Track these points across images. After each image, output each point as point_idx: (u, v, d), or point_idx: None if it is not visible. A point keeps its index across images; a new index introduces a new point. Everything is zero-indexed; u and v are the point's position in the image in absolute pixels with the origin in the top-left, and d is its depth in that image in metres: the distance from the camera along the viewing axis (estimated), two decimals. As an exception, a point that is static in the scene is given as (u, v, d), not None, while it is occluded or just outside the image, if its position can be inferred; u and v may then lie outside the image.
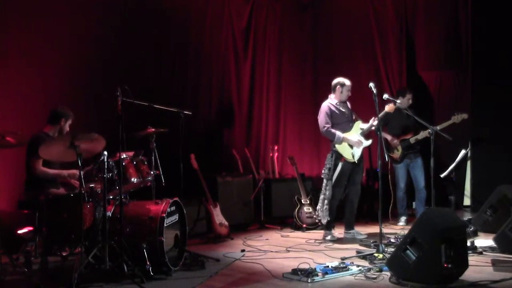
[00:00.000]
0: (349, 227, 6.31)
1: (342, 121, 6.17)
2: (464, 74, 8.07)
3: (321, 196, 6.23)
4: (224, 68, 8.07)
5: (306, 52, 8.91)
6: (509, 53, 7.32)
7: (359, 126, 6.18)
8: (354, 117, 6.28)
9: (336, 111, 6.17)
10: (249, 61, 8.37)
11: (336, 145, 6.09)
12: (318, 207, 6.29)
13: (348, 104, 6.35)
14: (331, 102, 6.23)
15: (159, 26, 7.19)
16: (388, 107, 6.13)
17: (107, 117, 5.27)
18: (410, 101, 6.99)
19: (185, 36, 7.55)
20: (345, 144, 6.09)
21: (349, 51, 8.73)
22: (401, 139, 7.00)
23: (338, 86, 6.22)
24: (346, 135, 6.09)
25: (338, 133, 6.06)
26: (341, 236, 6.28)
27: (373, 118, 6.07)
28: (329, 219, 6.17)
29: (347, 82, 6.24)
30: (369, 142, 6.19)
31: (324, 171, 6.21)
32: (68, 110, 5.24)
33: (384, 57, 8.48)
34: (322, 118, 6.17)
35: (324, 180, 6.21)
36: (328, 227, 6.22)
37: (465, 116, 6.56)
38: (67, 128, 5.20)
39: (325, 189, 6.19)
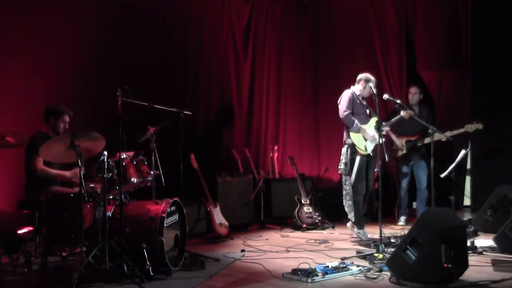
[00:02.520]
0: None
1: (360, 112, 6.12)
2: (464, 74, 8.07)
3: (344, 192, 6.15)
4: (224, 68, 8.07)
5: (306, 52, 8.91)
6: (509, 53, 7.32)
7: (375, 121, 6.15)
8: (370, 113, 6.25)
9: (357, 101, 6.13)
10: (249, 61, 8.37)
11: (351, 134, 6.02)
12: (344, 203, 6.19)
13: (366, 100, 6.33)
14: (354, 91, 6.18)
15: (159, 26, 7.19)
16: (404, 114, 6.11)
17: (107, 117, 5.27)
18: (418, 96, 6.94)
19: (185, 36, 7.55)
20: (359, 135, 6.04)
21: (349, 51, 8.72)
22: (406, 140, 6.99)
23: (362, 81, 6.14)
24: (364, 127, 6.05)
25: (357, 121, 6.02)
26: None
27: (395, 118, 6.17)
28: (353, 215, 6.07)
29: (373, 78, 6.14)
30: (381, 140, 6.15)
31: (340, 166, 6.12)
32: (61, 107, 5.19)
33: (384, 57, 8.48)
34: (343, 103, 6.08)
35: (343, 176, 6.14)
36: (360, 225, 6.12)
37: (479, 126, 6.41)
38: (61, 125, 5.14)
39: (345, 184, 6.11)
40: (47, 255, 4.73)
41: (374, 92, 5.42)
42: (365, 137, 6.03)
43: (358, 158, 6.02)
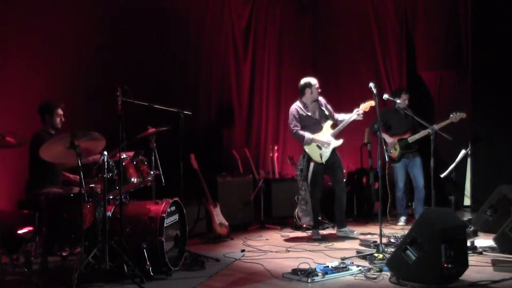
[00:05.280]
0: (341, 225, 6.32)
1: (310, 123, 6.22)
2: (464, 74, 8.08)
3: (299, 197, 6.41)
4: (224, 68, 8.07)
5: (306, 52, 8.92)
6: (509, 53, 7.32)
7: (330, 125, 6.21)
8: (330, 113, 6.26)
9: (304, 114, 6.23)
10: (249, 61, 8.37)
11: (305, 147, 6.17)
12: (296, 209, 6.44)
13: (322, 100, 6.33)
14: (299, 105, 6.29)
15: (159, 26, 7.19)
16: (363, 107, 6.03)
17: (107, 117, 5.28)
18: (407, 102, 6.98)
19: (185, 36, 7.55)
20: (313, 146, 6.14)
21: (349, 51, 8.73)
22: (398, 138, 7.00)
23: (307, 89, 6.26)
24: (316, 135, 6.13)
25: (307, 134, 6.12)
26: (325, 233, 6.34)
27: (356, 110, 6.06)
28: (309, 219, 6.32)
29: (313, 81, 6.28)
30: (339, 142, 6.19)
31: (297, 172, 6.35)
32: (52, 102, 5.19)
33: (384, 57, 8.49)
34: (290, 121, 6.27)
35: (300, 182, 6.35)
36: (314, 226, 6.31)
37: (463, 115, 6.53)
38: (57, 120, 5.15)
39: (301, 189, 6.37)
40: (47, 255, 4.73)
41: (374, 92, 5.40)
42: (320, 144, 6.11)
43: (312, 165, 6.15)
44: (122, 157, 4.60)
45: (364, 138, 7.65)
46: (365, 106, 6.02)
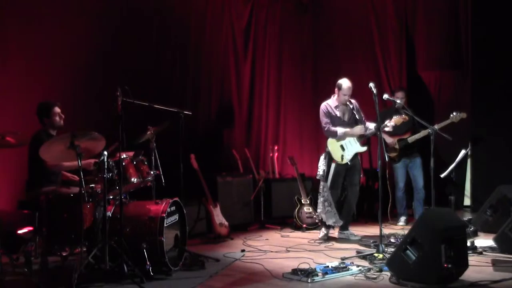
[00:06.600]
0: (343, 227, 6.29)
1: (336, 124, 6.14)
2: (464, 74, 8.07)
3: (321, 199, 6.20)
4: (224, 68, 8.08)
5: (306, 52, 8.92)
6: (509, 53, 7.32)
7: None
8: (361, 119, 6.19)
9: (332, 114, 6.16)
10: (249, 61, 8.38)
11: (329, 144, 6.10)
12: (319, 210, 6.24)
13: (355, 104, 6.24)
14: (328, 103, 6.22)
15: (159, 26, 7.20)
16: (395, 120, 6.05)
17: (107, 117, 5.27)
18: (404, 100, 6.97)
19: (185, 36, 7.56)
20: (337, 145, 6.08)
21: (349, 51, 8.72)
22: (398, 138, 7.00)
23: (336, 89, 6.18)
24: (348, 129, 6.05)
25: (339, 129, 6.04)
26: (334, 235, 6.28)
27: (388, 120, 6.05)
28: (335, 219, 6.15)
29: (345, 84, 6.09)
30: (364, 148, 6.17)
31: (319, 172, 6.22)
32: (47, 102, 5.09)
33: (384, 57, 8.47)
34: (321, 118, 6.18)
35: (321, 182, 6.22)
36: (327, 226, 6.22)
37: (463, 115, 6.52)
38: (57, 119, 5.06)
39: (323, 190, 6.18)
40: (47, 255, 4.72)
41: (374, 92, 5.40)
42: (354, 134, 6.02)
43: (333, 165, 6.08)
44: (122, 157, 4.60)
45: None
46: (397, 120, 6.03)
